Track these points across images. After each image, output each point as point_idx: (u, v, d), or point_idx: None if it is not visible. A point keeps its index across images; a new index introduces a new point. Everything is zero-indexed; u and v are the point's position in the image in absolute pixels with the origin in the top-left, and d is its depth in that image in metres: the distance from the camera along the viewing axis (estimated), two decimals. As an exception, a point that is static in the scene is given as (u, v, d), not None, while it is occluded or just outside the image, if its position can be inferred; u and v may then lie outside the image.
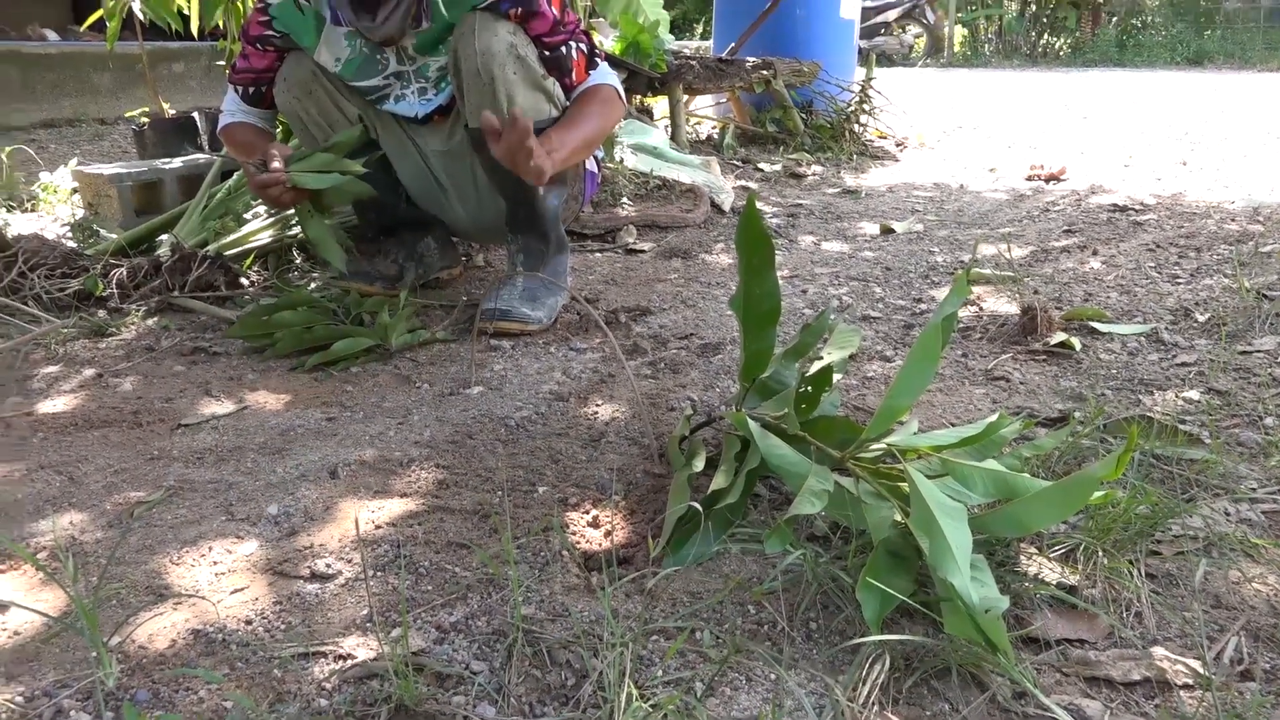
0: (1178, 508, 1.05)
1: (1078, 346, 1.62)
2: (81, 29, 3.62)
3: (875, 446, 1.05)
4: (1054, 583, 0.94)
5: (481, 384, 1.57)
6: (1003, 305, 1.91)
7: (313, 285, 2.13)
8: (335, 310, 1.81)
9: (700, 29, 14.84)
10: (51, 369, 1.67)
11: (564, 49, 1.79)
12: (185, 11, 2.86)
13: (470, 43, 1.69)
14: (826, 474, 0.99)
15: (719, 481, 1.06)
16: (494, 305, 1.78)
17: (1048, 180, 3.39)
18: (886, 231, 2.66)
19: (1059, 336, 1.64)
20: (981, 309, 1.90)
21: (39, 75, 5.19)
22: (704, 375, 1.60)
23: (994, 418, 1.02)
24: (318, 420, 1.44)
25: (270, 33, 1.83)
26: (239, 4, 2.84)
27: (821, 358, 1.16)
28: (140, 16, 2.90)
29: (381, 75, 1.84)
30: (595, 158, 2.15)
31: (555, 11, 1.76)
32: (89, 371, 1.66)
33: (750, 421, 1.06)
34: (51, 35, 6.17)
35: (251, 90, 1.90)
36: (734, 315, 1.88)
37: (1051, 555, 0.99)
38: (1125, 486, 1.08)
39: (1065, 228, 2.60)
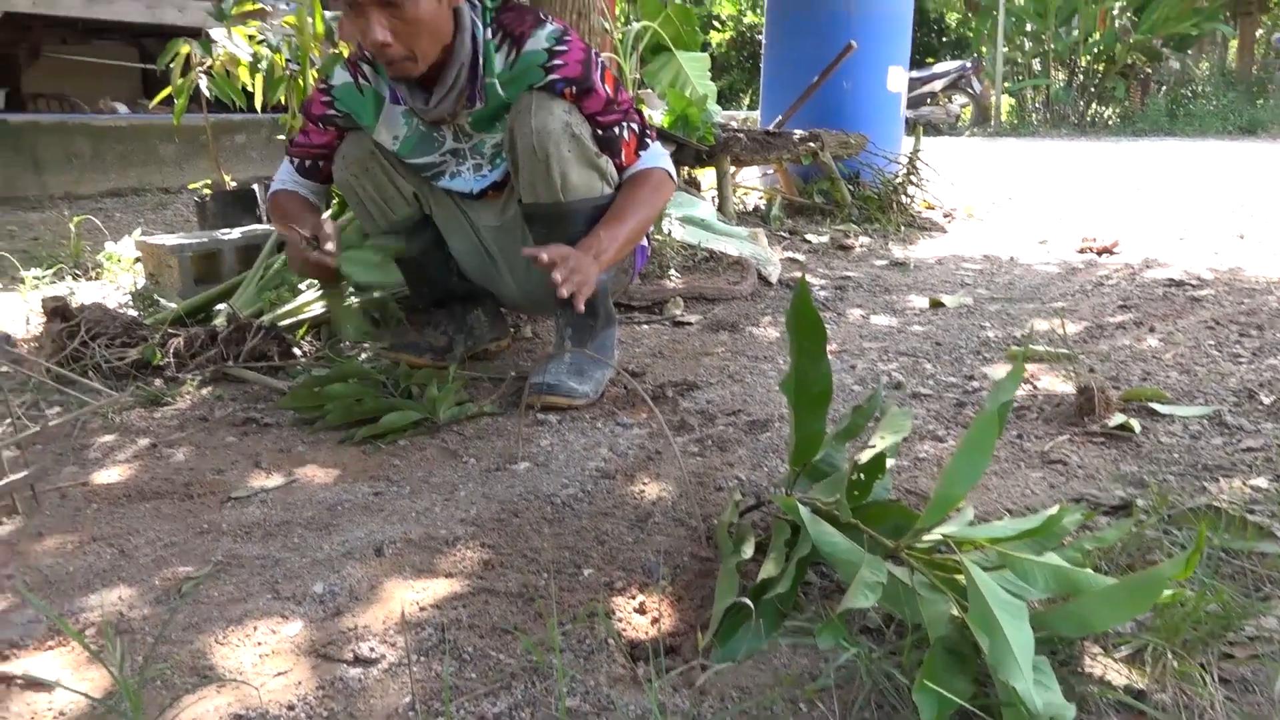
0: (1251, 607, 1.00)
1: (1137, 429, 1.58)
2: (151, 104, 3.76)
3: (930, 536, 1.02)
4: (1121, 687, 0.90)
5: (528, 460, 1.57)
6: (1058, 384, 1.87)
7: (363, 356, 2.16)
8: (384, 382, 1.83)
9: (747, 99, 15.07)
10: (107, 438, 1.70)
11: (616, 129, 1.81)
12: (249, 89, 2.96)
13: (526, 120, 1.73)
14: (880, 565, 0.96)
15: (769, 570, 1.03)
16: (541, 380, 1.78)
17: (1100, 253, 3.35)
18: (936, 305, 2.63)
19: (1118, 418, 1.60)
20: (1036, 387, 1.87)
21: (108, 146, 5.40)
22: (752, 454, 1.58)
23: (1054, 509, 0.99)
24: (365, 495, 1.44)
25: (332, 112, 1.88)
26: (300, 82, 2.94)
27: (874, 444, 1.14)
28: (206, 93, 3.00)
29: (437, 152, 1.88)
30: None
31: (609, 90, 1.79)
32: (143, 441, 1.68)
33: (801, 507, 1.04)
34: (121, 108, 6.43)
35: (309, 164, 1.94)
36: (783, 394, 1.87)
37: (1117, 656, 0.95)
38: (1194, 583, 1.04)
39: (1120, 303, 2.56)
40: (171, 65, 2.90)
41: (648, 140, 1.88)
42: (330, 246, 1.68)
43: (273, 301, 2.27)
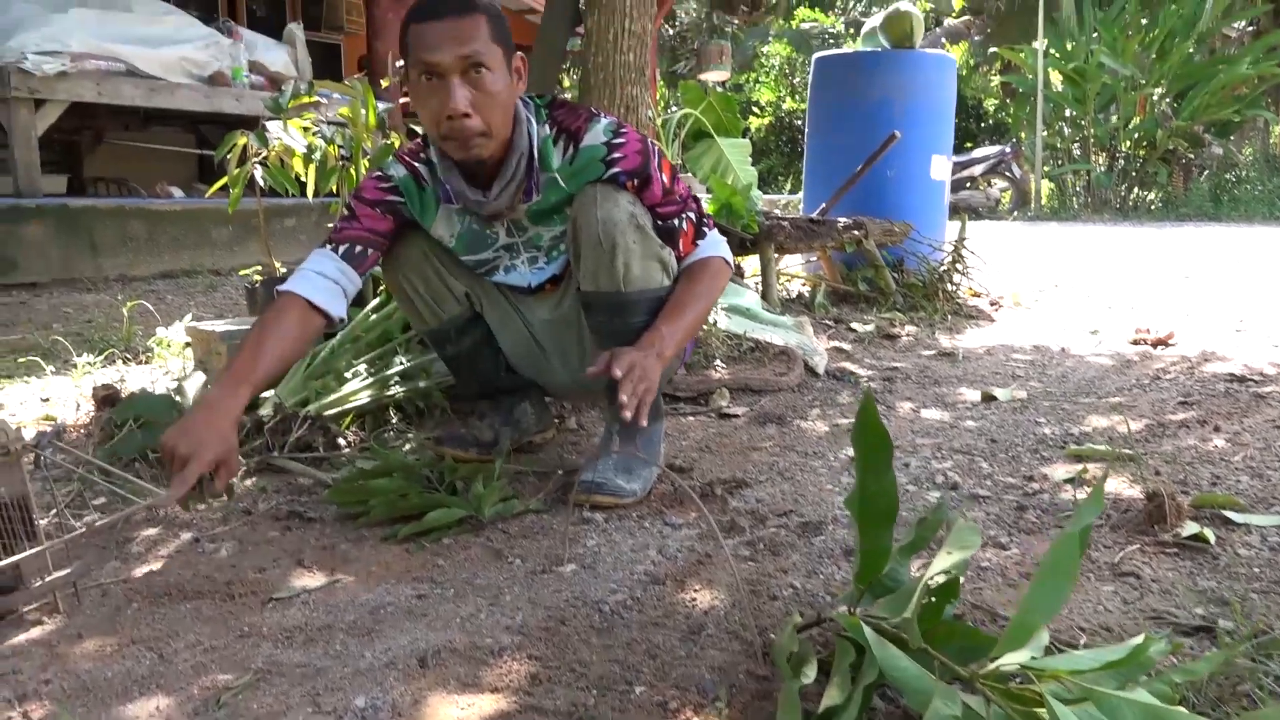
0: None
1: (1212, 539, 1.51)
2: (207, 194, 3.87)
3: (1006, 663, 0.96)
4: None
5: (574, 561, 1.53)
6: (1123, 488, 1.80)
7: (407, 447, 2.14)
8: (429, 476, 1.80)
9: (788, 184, 15.23)
10: (150, 531, 1.69)
11: (675, 220, 1.82)
12: (302, 178, 3.02)
13: (591, 211, 1.73)
14: (954, 695, 0.91)
15: (833, 696, 0.98)
16: (590, 478, 1.75)
17: (1155, 345, 3.28)
18: (988, 399, 2.57)
19: (1190, 527, 1.53)
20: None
21: (163, 230, 5.54)
22: (806, 559, 1.53)
23: (1139, 639, 0.93)
24: (408, 598, 1.40)
25: (392, 198, 1.84)
26: (351, 171, 2.99)
27: (941, 560, 1.09)
28: (261, 182, 3.07)
29: (491, 249, 1.89)
30: None
31: (666, 179, 1.79)
32: (186, 535, 1.67)
33: (866, 629, 0.99)
34: (177, 192, 6.62)
35: (357, 249, 1.82)
36: (836, 490, 1.82)
37: (1216, 804, 0.88)
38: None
39: (1180, 399, 2.49)
40: (229, 156, 2.97)
41: (705, 229, 1.87)
42: (218, 484, 1.48)
43: (318, 391, 2.27)
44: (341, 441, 2.13)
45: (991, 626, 1.25)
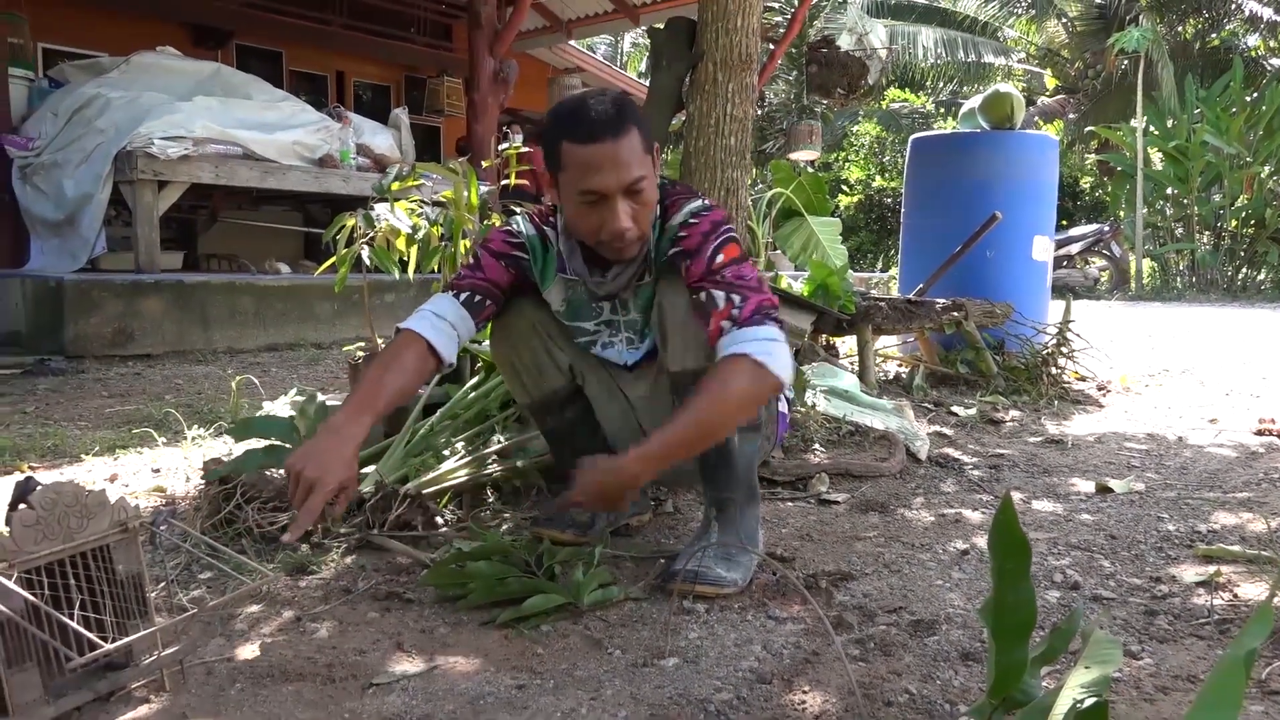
0: None
1: (1371, 656, 1.38)
2: (316, 272, 4.00)
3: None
4: None
5: (676, 655, 1.48)
6: (1262, 591, 1.68)
7: (504, 527, 2.13)
8: (527, 560, 1.78)
9: (880, 262, 15.12)
10: (254, 609, 1.70)
11: (711, 292, 1.64)
12: (405, 258, 3.10)
13: (674, 291, 1.73)
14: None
15: (966, 822, 0.91)
16: (690, 566, 1.70)
17: (1281, 436, 3.11)
18: (1103, 490, 2.45)
19: (1345, 642, 1.41)
20: (1236, 595, 1.68)
21: (269, 304, 5.75)
22: (920, 660, 1.45)
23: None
24: (508, 688, 1.37)
25: (518, 253, 1.85)
26: (452, 252, 3.06)
27: (1079, 675, 1.01)
28: (367, 261, 3.16)
29: (594, 320, 1.90)
30: (785, 398, 2.10)
31: (721, 258, 1.66)
32: (288, 613, 1.67)
33: (1002, 751, 0.92)
34: (284, 268, 6.88)
35: (477, 298, 1.80)
36: (946, 585, 1.74)
37: None
38: None
39: (1316, 495, 2.33)
40: (337, 236, 3.07)
41: (757, 317, 1.62)
42: (337, 509, 1.56)
43: (417, 469, 2.28)
44: (440, 520, 2.13)
45: (1130, 747, 1.16)
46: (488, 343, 2.80)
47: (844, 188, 17.66)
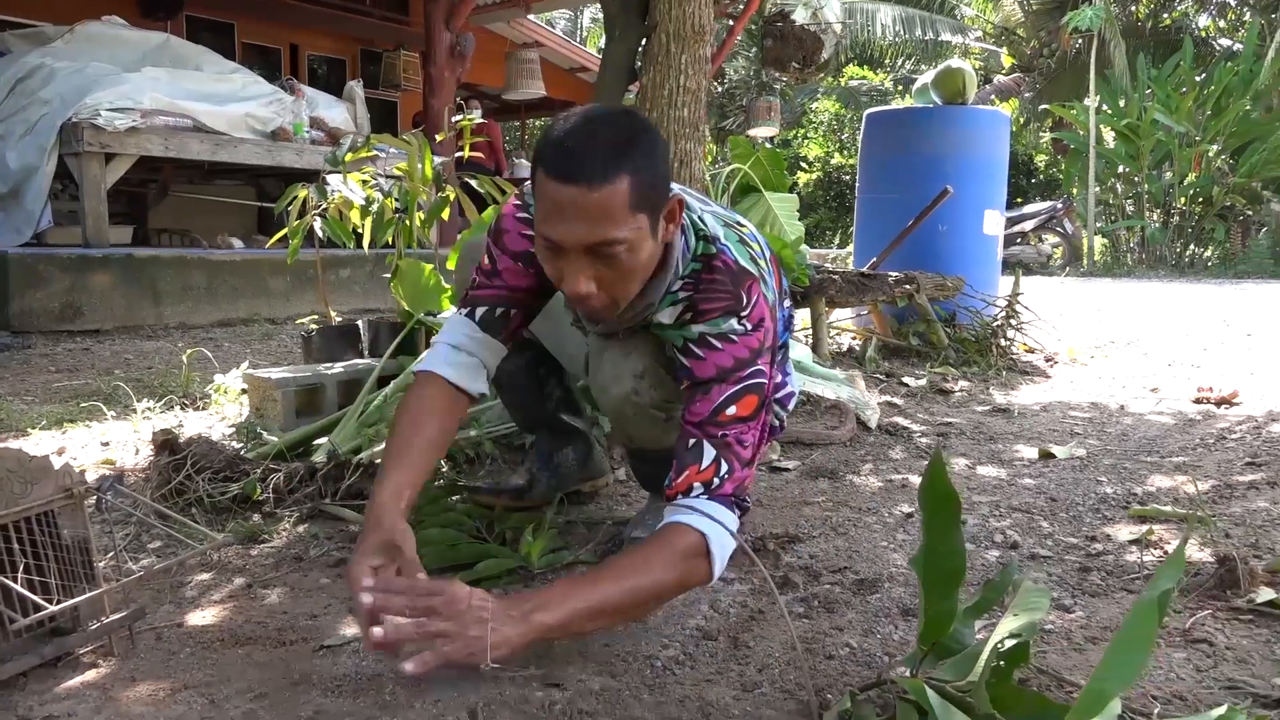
0: None
1: (1290, 606, 1.45)
2: (267, 245, 3.96)
3: (1077, 732, 0.92)
4: None
5: (625, 615, 1.50)
6: (1192, 551, 1.74)
7: (456, 497, 2.14)
8: (479, 527, 1.80)
9: (836, 238, 15.22)
10: (204, 576, 1.70)
11: (694, 442, 1.38)
12: (359, 230, 3.07)
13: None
14: (1023, 764, 0.87)
15: (896, 761, 0.95)
16: (638, 533, 1.73)
17: (1219, 404, 3.19)
18: (1046, 456, 2.52)
19: (1266, 593, 1.47)
20: (1167, 553, 1.74)
21: (222, 279, 5.67)
22: (861, 617, 1.49)
23: (1221, 709, 0.89)
24: (458, 649, 1.39)
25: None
26: (406, 224, 3.04)
27: (1008, 623, 1.05)
28: (320, 234, 3.13)
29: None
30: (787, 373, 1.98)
31: (733, 410, 1.38)
32: (239, 580, 1.67)
33: (931, 693, 0.96)
34: (237, 243, 6.79)
35: (498, 312, 1.57)
36: (890, 546, 1.78)
37: None
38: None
39: (1247, 460, 2.41)
40: (289, 208, 3.04)
41: (726, 491, 1.37)
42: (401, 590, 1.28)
43: (371, 439, 2.28)
44: (393, 489, 2.14)
45: (1058, 692, 1.20)
46: (443, 314, 2.81)
47: (803, 165, 17.73)
